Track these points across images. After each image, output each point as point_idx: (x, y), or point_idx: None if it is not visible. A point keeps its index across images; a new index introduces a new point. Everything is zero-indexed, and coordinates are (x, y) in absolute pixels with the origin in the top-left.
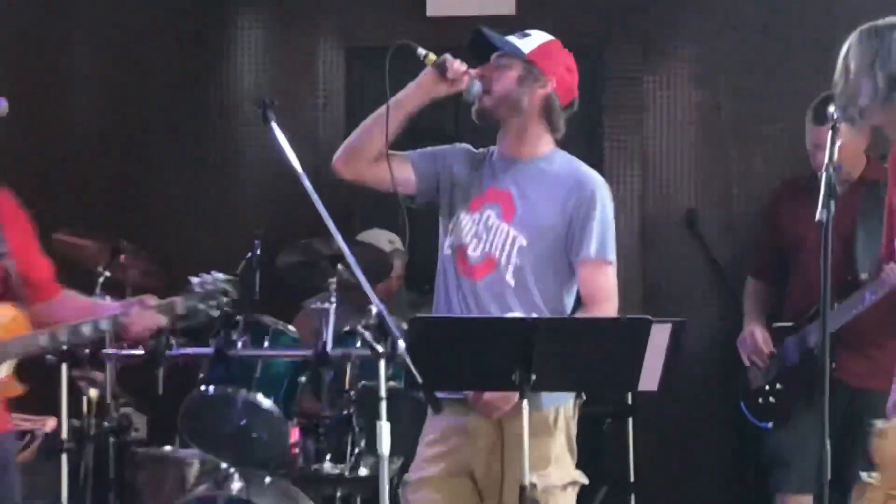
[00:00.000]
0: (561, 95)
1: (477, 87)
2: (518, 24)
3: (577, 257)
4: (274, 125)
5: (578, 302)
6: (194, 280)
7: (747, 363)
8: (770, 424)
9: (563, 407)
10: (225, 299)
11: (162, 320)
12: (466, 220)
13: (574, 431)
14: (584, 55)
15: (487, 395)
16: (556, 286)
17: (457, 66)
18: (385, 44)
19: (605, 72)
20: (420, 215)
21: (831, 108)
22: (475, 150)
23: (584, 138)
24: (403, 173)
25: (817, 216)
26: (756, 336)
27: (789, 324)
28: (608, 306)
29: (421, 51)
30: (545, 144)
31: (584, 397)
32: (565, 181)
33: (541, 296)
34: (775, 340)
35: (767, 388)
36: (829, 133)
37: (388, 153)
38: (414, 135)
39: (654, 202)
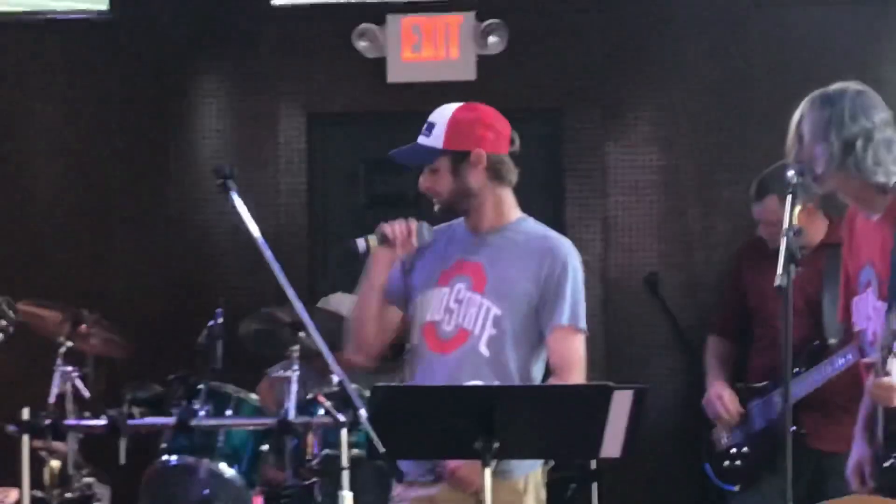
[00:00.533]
0: (497, 148)
1: (424, 230)
2: (478, 89)
3: (549, 324)
4: (234, 195)
5: (547, 372)
6: None
7: (716, 422)
8: (736, 487)
9: (531, 474)
10: (3, 322)
11: None
12: (435, 296)
13: (543, 496)
14: (545, 119)
15: (462, 471)
16: (528, 356)
17: (396, 229)
18: (347, 109)
19: (566, 135)
20: None
21: (790, 173)
22: (443, 226)
23: (546, 201)
24: (394, 320)
25: (776, 281)
26: (724, 397)
27: (755, 385)
28: (577, 375)
29: (360, 244)
30: (509, 210)
31: (552, 462)
32: (536, 250)
33: (514, 365)
34: (741, 400)
35: (734, 450)
36: (789, 198)
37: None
38: (377, 198)
39: (615, 265)
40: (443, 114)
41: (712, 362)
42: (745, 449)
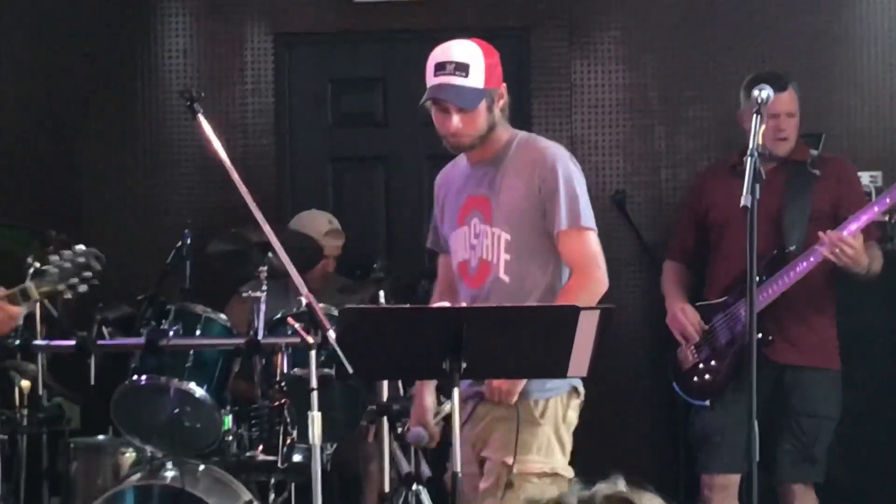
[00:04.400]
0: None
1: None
2: (444, 7)
3: (554, 233)
4: (201, 118)
5: None
6: (52, 258)
7: (681, 340)
8: (707, 402)
9: (552, 400)
10: (89, 273)
11: (17, 311)
12: (459, 236)
13: (568, 425)
14: (510, 39)
15: (496, 381)
16: (550, 268)
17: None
18: (313, 29)
19: (531, 56)
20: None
21: (756, 92)
22: (444, 170)
23: (513, 120)
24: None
25: (742, 201)
26: (687, 313)
27: (715, 301)
28: (591, 271)
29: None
30: (504, 135)
31: (581, 393)
32: (527, 163)
33: (537, 283)
34: (703, 318)
35: (701, 365)
36: (755, 117)
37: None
38: (344, 118)
39: None
40: (471, 53)
41: (671, 286)
42: (713, 363)
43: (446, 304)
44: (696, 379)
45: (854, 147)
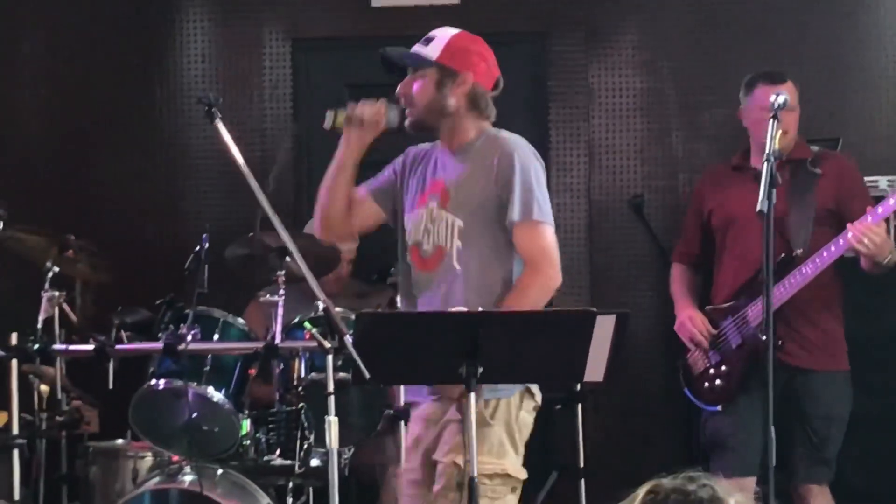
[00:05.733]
0: (483, 82)
1: (392, 113)
2: (462, 12)
3: (509, 224)
4: (219, 123)
5: None
6: None
7: (690, 347)
8: (719, 407)
9: (503, 400)
10: None
11: None
12: (417, 217)
13: (521, 426)
14: (527, 44)
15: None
16: (502, 259)
17: (365, 110)
18: (331, 35)
19: (550, 58)
20: None
21: (773, 98)
22: (421, 148)
23: (530, 126)
24: (371, 213)
25: (758, 206)
26: (695, 320)
27: (724, 305)
28: (542, 267)
29: (327, 121)
30: (474, 130)
31: (536, 395)
32: (487, 154)
33: (487, 272)
34: (711, 323)
35: (712, 371)
36: (770, 123)
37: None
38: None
39: (600, 187)
40: (445, 32)
41: (679, 290)
42: (723, 368)
43: (462, 308)
44: (707, 384)
45: (872, 151)
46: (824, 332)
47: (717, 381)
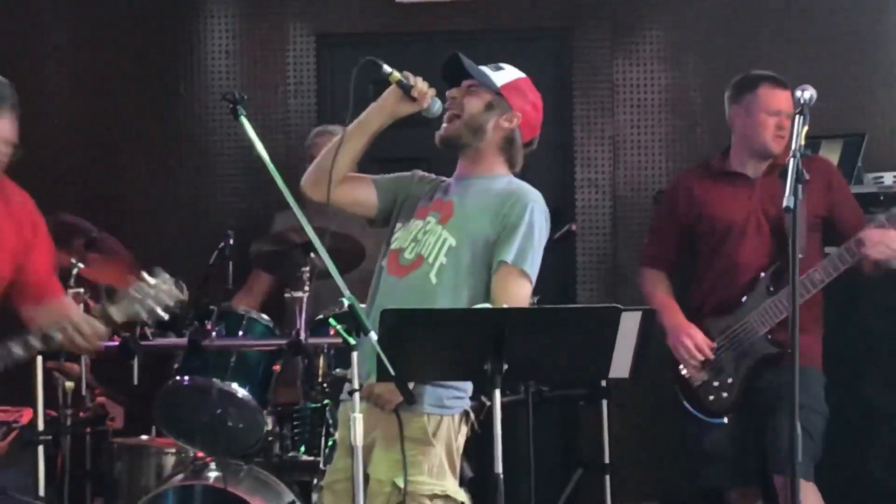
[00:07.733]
0: (524, 132)
1: (437, 105)
2: (487, 8)
3: (496, 260)
4: (244, 120)
5: None
6: (136, 284)
7: (684, 359)
8: (724, 419)
9: (446, 419)
10: (170, 303)
11: (102, 330)
12: (410, 226)
13: (459, 446)
14: (552, 39)
15: (378, 388)
16: (478, 292)
17: (420, 84)
18: (355, 30)
19: (574, 55)
20: None
21: (798, 93)
22: (431, 176)
23: (555, 120)
24: (365, 195)
25: (784, 202)
26: (695, 336)
27: (723, 315)
28: None
29: (386, 68)
30: (498, 168)
31: (472, 416)
32: (502, 192)
33: (461, 297)
34: (707, 333)
35: (716, 383)
36: (798, 118)
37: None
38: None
39: (624, 183)
40: (515, 70)
41: (664, 300)
42: (729, 380)
43: (487, 305)
44: (711, 397)
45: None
46: (809, 332)
47: (723, 394)
